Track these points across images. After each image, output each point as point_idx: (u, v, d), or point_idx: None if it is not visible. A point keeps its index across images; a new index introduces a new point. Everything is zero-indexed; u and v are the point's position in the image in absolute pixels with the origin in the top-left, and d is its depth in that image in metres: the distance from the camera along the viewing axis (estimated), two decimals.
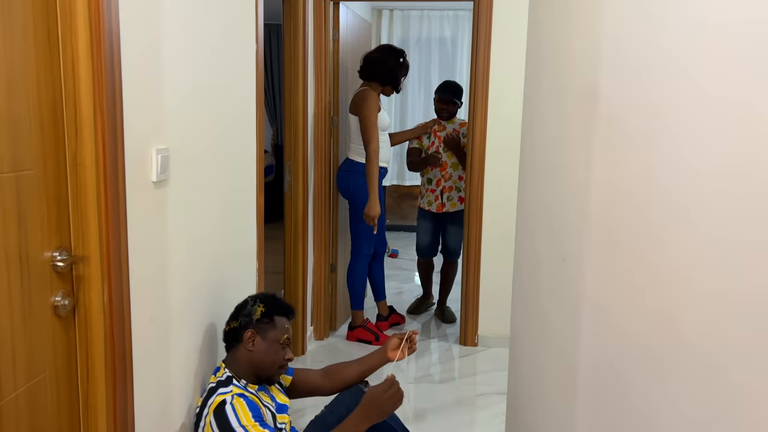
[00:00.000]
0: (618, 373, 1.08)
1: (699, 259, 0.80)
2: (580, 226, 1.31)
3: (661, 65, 0.93)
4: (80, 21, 1.27)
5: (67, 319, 1.34)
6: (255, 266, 2.46)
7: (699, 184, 0.80)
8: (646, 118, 0.98)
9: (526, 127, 1.91)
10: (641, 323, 0.98)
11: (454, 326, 4.02)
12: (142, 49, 1.50)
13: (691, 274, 0.82)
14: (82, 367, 1.37)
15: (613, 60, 1.14)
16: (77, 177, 1.31)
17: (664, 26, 0.91)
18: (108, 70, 1.31)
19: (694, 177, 0.81)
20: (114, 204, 1.36)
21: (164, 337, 1.68)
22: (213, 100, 1.98)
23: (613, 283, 1.12)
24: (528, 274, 1.83)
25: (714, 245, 0.76)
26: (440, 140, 3.88)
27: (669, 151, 0.89)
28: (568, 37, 1.45)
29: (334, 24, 3.65)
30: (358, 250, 3.68)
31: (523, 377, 1.87)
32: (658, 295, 0.92)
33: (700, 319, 0.80)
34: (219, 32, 2.02)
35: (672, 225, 0.88)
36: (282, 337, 1.89)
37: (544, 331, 1.61)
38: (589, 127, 1.26)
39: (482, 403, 3.02)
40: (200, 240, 1.91)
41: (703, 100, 0.79)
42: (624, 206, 1.07)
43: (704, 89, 0.79)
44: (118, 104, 1.36)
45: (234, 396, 1.76)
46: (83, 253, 1.33)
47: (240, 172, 2.28)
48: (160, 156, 1.57)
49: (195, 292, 1.89)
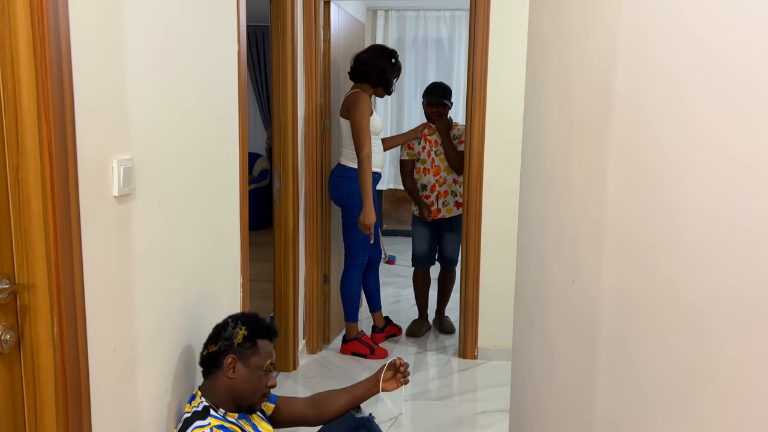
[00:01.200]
0: (641, 414, 0.92)
1: (733, 284, 0.65)
2: (594, 243, 1.16)
3: (693, 60, 0.77)
4: (20, 14, 1.10)
5: (11, 355, 1.18)
6: (239, 281, 2.30)
7: (741, 198, 0.65)
8: (673, 121, 0.83)
9: (528, 131, 1.75)
10: (669, 358, 0.83)
11: (452, 337, 3.86)
12: (98, 46, 1.34)
13: (726, 297, 0.67)
14: (30, 409, 1.20)
15: (632, 56, 0.98)
16: (20, 194, 1.15)
17: (696, 15, 0.76)
18: (55, 71, 1.15)
19: (735, 189, 0.66)
20: (65, 223, 1.19)
21: (130, 366, 1.52)
22: (188, 103, 1.82)
23: (636, 312, 0.96)
24: (532, 290, 1.68)
25: (749, 272, 0.61)
26: (431, 144, 3.73)
27: (700, 159, 0.74)
28: (577, 33, 1.29)
29: (324, 24, 3.50)
30: (352, 259, 3.52)
31: (527, 400, 1.72)
32: (690, 325, 0.77)
33: (730, 348, 0.64)
34: (197, 31, 1.86)
35: (706, 244, 0.72)
36: (265, 363, 1.73)
37: (551, 355, 1.46)
38: (603, 134, 1.11)
39: (483, 422, 2.86)
40: (173, 257, 1.75)
41: (744, 98, 0.64)
42: (647, 223, 0.91)
43: (745, 86, 0.63)
44: (68, 110, 1.20)
45: (212, 429, 1.62)
46: (28, 281, 1.17)
47: (220, 181, 2.12)
48: (123, 167, 1.41)
49: (168, 314, 1.73)
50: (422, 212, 3.81)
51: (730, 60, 0.69)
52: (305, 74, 3.35)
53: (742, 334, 0.67)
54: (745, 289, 0.66)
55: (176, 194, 1.75)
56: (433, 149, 3.74)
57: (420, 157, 3.78)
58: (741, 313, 0.67)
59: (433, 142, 3.74)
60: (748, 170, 0.65)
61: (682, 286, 0.80)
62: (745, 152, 0.66)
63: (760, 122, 0.63)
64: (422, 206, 3.80)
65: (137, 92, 1.50)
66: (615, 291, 1.06)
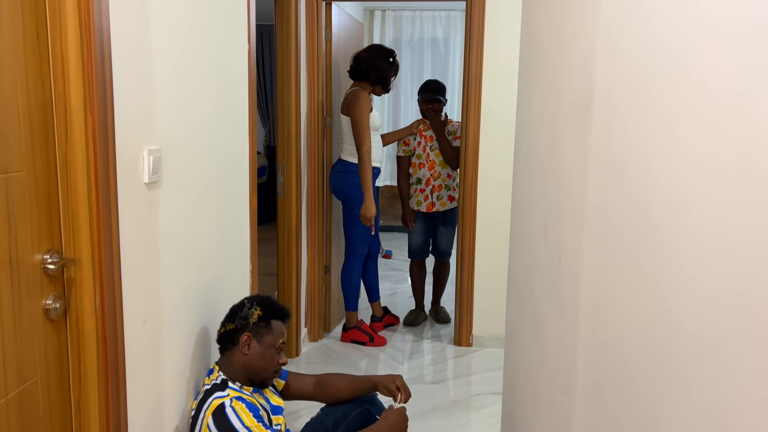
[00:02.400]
0: (617, 373, 1.07)
1: (698, 256, 0.79)
2: (576, 224, 1.31)
3: (658, 61, 0.92)
4: (70, 21, 1.25)
5: (59, 322, 1.32)
6: (248, 267, 2.44)
7: (697, 180, 0.79)
8: (644, 115, 0.97)
9: (521, 126, 1.90)
10: (640, 322, 0.97)
11: (448, 327, 4.02)
12: (133, 50, 1.48)
13: (690, 271, 0.81)
14: (74, 371, 1.35)
15: (608, 57, 1.13)
16: (68, 178, 1.29)
17: (663, 21, 0.91)
18: (98, 71, 1.30)
19: (693, 173, 0.80)
20: (105, 205, 1.34)
21: (156, 339, 1.66)
22: (205, 100, 1.96)
23: (611, 282, 1.11)
24: (523, 273, 1.83)
25: (712, 242, 0.76)
26: (426, 139, 3.87)
27: (667, 148, 0.88)
28: (563, 35, 1.45)
29: (326, 24, 3.64)
30: (352, 251, 3.67)
31: (518, 376, 1.87)
32: (655, 293, 0.92)
33: (698, 317, 0.79)
34: (211, 33, 2.01)
35: (670, 222, 0.87)
36: (278, 342, 1.88)
37: (540, 330, 1.61)
38: (584, 128, 1.25)
39: (477, 404, 3.01)
40: (192, 241, 1.89)
41: (703, 95, 0.78)
42: (621, 205, 1.06)
43: (705, 83, 0.78)
44: (108, 105, 1.35)
45: (233, 399, 1.75)
46: (74, 256, 1.31)
47: (233, 173, 2.26)
48: (152, 157, 1.55)
49: (187, 293, 1.87)
50: (405, 218, 3.97)
51: (688, 62, 0.84)
52: (308, 73, 3.50)
53: (702, 298, 0.81)
54: (707, 257, 0.80)
55: (195, 184, 1.89)
56: (429, 144, 3.88)
57: (416, 152, 3.92)
58: (703, 281, 0.80)
59: (429, 137, 3.88)
60: (704, 157, 0.79)
61: (648, 260, 0.95)
62: (702, 143, 0.80)
63: (711, 116, 0.78)
64: (406, 211, 3.96)
65: (162, 90, 1.64)
66: (594, 266, 1.21)
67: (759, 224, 0.66)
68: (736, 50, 0.71)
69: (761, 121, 0.65)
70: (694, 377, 0.80)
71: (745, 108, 0.69)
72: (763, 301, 0.65)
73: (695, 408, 0.79)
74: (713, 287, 0.76)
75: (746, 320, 0.69)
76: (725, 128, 0.73)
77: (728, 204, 0.72)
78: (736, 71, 0.71)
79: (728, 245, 0.72)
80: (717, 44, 0.75)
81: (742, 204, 0.69)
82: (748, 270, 0.68)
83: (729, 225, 0.72)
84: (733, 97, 0.71)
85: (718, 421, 0.73)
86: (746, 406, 0.68)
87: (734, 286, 0.71)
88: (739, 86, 0.70)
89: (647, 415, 0.93)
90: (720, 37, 0.75)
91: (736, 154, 0.70)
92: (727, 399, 0.72)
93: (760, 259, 0.66)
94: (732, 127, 0.71)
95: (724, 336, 0.73)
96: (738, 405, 0.70)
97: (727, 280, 0.72)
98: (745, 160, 0.68)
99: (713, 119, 0.76)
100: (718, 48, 0.75)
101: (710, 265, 0.76)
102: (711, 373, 0.76)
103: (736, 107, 0.71)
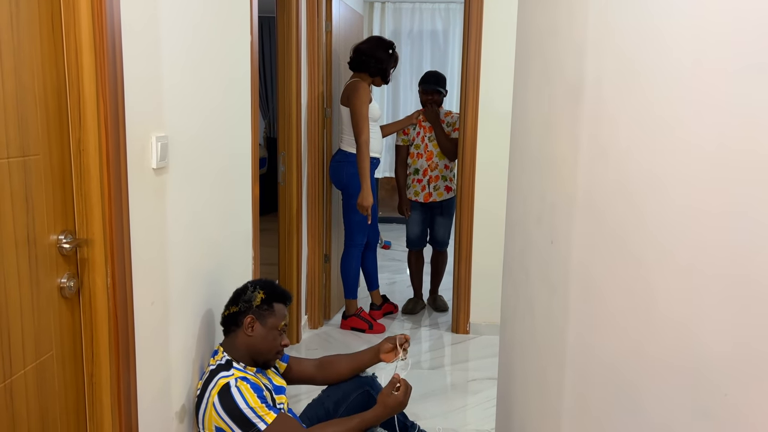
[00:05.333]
0: (604, 352, 1.13)
1: (679, 236, 0.85)
2: (567, 209, 1.37)
3: (646, 51, 0.98)
4: (83, 12, 1.30)
5: (73, 300, 1.38)
6: (251, 254, 2.51)
7: (679, 165, 0.85)
8: (631, 104, 1.03)
9: (516, 116, 1.96)
10: (624, 302, 1.04)
11: (446, 315, 4.08)
12: (142, 40, 1.54)
13: (671, 250, 0.87)
14: (87, 347, 1.41)
15: (598, 48, 1.19)
16: (81, 163, 1.35)
17: (653, 13, 0.96)
18: (110, 59, 1.35)
19: (673, 159, 0.86)
20: (116, 189, 1.40)
21: (164, 319, 1.72)
22: (210, 90, 2.02)
23: (596, 261, 1.17)
24: (517, 259, 1.89)
25: (693, 224, 0.81)
26: (425, 130, 3.92)
27: (653, 135, 0.94)
28: (555, 27, 1.50)
29: (327, 16, 3.68)
30: (351, 240, 3.73)
31: (513, 357, 1.93)
32: (640, 272, 0.98)
33: (679, 293, 0.85)
34: (216, 24, 2.06)
35: (651, 202, 0.93)
36: (280, 324, 1.94)
37: (533, 313, 1.67)
38: (575, 118, 1.31)
39: (474, 388, 3.08)
40: (197, 226, 1.95)
41: (689, 84, 0.84)
42: (606, 188, 1.12)
43: (690, 73, 0.84)
44: (119, 92, 1.40)
45: (237, 379, 1.81)
46: (87, 237, 1.38)
47: (235, 162, 2.32)
48: (160, 143, 1.61)
49: (193, 276, 1.93)
50: (401, 207, 4.04)
51: (675, 54, 0.89)
52: (308, 64, 3.55)
53: (681, 276, 0.87)
54: (685, 236, 0.86)
55: (200, 171, 1.95)
56: (427, 135, 3.93)
57: (414, 142, 3.98)
58: (679, 259, 0.86)
59: (427, 128, 3.93)
60: (691, 146, 0.84)
61: (632, 241, 1.01)
62: (690, 131, 0.85)
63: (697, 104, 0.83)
64: (402, 200, 4.03)
65: (169, 79, 1.70)
66: (582, 247, 1.27)
67: (734, 203, 0.72)
68: (713, 43, 0.77)
69: (733, 112, 0.71)
70: (674, 352, 0.86)
71: (719, 99, 0.75)
72: (735, 274, 0.71)
73: (678, 384, 0.85)
74: (689, 262, 0.82)
75: (719, 292, 0.75)
76: (710, 117, 0.78)
77: (712, 187, 0.77)
78: (711, 64, 0.77)
79: (705, 224, 0.78)
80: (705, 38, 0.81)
81: (727, 189, 0.74)
82: (722, 245, 0.74)
83: (706, 203, 0.78)
84: (708, 88, 0.77)
85: (697, 381, 0.79)
86: (722, 365, 0.75)
87: (709, 261, 0.77)
88: (713, 79, 0.76)
89: (635, 394, 0.99)
90: (696, 32, 0.81)
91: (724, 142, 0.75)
92: (704, 371, 0.78)
93: (734, 236, 0.72)
94: (708, 113, 0.77)
95: (698, 308, 0.79)
96: (712, 373, 0.76)
97: (704, 256, 0.78)
98: (722, 138, 0.74)
99: (698, 107, 0.81)
100: (706, 40, 0.81)
101: (686, 240, 0.83)
102: (688, 346, 0.82)
103: (711, 97, 0.77)
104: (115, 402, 1.44)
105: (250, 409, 1.74)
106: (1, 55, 1.15)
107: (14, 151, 1.19)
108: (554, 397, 1.43)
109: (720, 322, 0.74)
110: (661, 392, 0.89)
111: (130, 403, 1.50)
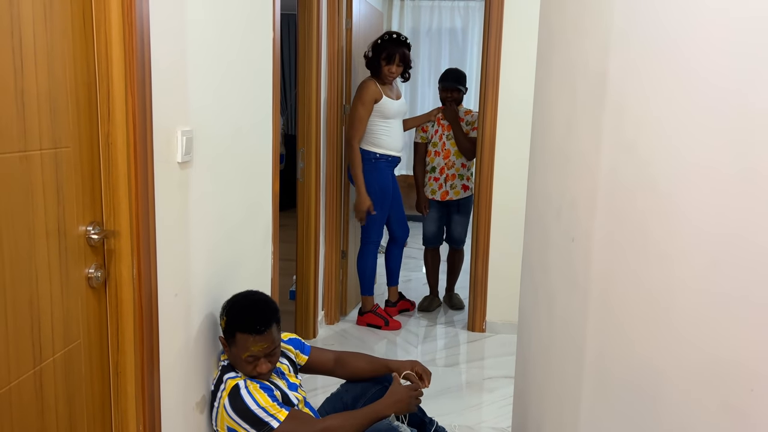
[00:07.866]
0: (625, 350, 1.13)
1: (704, 233, 0.85)
2: (589, 205, 1.37)
3: (668, 48, 0.98)
4: (113, 7, 1.33)
5: (100, 290, 1.41)
6: (270, 249, 2.53)
7: (706, 165, 0.85)
8: (654, 101, 1.03)
9: (538, 113, 1.96)
10: (646, 298, 1.04)
11: (461, 313, 4.09)
12: (169, 37, 1.56)
13: (696, 247, 0.87)
14: (113, 337, 1.44)
15: (622, 45, 1.19)
16: (109, 155, 1.38)
17: (673, 10, 0.97)
18: (138, 55, 1.38)
19: (699, 158, 0.86)
20: (143, 182, 1.42)
21: (187, 311, 1.75)
22: (233, 86, 2.04)
23: (618, 257, 1.18)
24: (537, 257, 1.89)
25: (718, 221, 0.81)
26: (444, 128, 3.92)
27: (676, 134, 0.94)
28: (579, 23, 1.50)
29: (347, 13, 3.70)
30: (368, 237, 3.75)
31: (531, 358, 1.93)
32: (662, 269, 0.98)
33: (703, 289, 0.85)
34: (240, 21, 2.08)
35: (679, 204, 0.93)
36: (243, 355, 1.79)
37: (552, 311, 1.67)
38: (598, 112, 1.31)
39: (489, 386, 3.08)
40: (219, 220, 1.98)
41: (712, 83, 0.84)
42: (631, 183, 1.12)
43: (711, 72, 0.84)
44: (147, 87, 1.43)
45: (246, 380, 1.82)
46: (114, 228, 1.40)
47: (257, 158, 2.34)
48: (185, 138, 1.63)
49: (215, 270, 1.96)
50: (419, 204, 4.04)
51: (694, 53, 0.90)
52: (328, 61, 3.57)
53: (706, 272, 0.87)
54: (709, 231, 0.86)
55: (222, 166, 1.98)
56: (445, 133, 3.93)
57: (432, 140, 3.98)
58: (701, 256, 0.87)
59: (446, 126, 3.93)
60: (718, 141, 0.85)
61: (657, 233, 1.01)
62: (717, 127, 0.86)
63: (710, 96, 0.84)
64: (420, 197, 4.04)
65: (195, 75, 1.72)
66: (604, 243, 1.27)
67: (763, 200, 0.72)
68: (734, 41, 0.77)
69: (755, 107, 0.72)
70: (699, 354, 0.86)
71: (741, 94, 0.75)
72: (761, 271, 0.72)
73: (696, 370, 0.85)
74: (714, 258, 0.82)
75: (741, 287, 0.75)
76: (731, 116, 0.79)
77: (734, 187, 0.77)
78: (733, 61, 0.77)
79: (730, 219, 0.78)
80: (724, 36, 0.81)
81: (746, 187, 0.74)
82: (747, 241, 0.74)
83: (733, 199, 0.78)
84: (730, 84, 0.78)
85: (721, 380, 0.80)
86: (747, 360, 0.75)
87: (733, 259, 0.77)
88: (735, 74, 0.76)
89: (654, 397, 0.99)
90: (719, 27, 0.81)
91: (742, 141, 0.76)
92: (728, 372, 0.78)
93: (760, 233, 0.72)
94: (731, 108, 0.78)
95: (724, 304, 0.80)
96: (737, 363, 0.76)
97: (726, 253, 0.79)
98: (748, 144, 0.74)
99: (720, 107, 0.81)
100: (716, 38, 0.81)
101: (711, 236, 0.83)
102: (713, 347, 0.82)
103: (734, 92, 0.77)
104: (139, 391, 1.47)
105: (262, 408, 1.75)
106: (36, 50, 1.18)
107: (47, 143, 1.22)
108: (572, 396, 1.43)
109: (745, 320, 0.75)
110: (684, 388, 0.89)
111: (153, 393, 1.52)
